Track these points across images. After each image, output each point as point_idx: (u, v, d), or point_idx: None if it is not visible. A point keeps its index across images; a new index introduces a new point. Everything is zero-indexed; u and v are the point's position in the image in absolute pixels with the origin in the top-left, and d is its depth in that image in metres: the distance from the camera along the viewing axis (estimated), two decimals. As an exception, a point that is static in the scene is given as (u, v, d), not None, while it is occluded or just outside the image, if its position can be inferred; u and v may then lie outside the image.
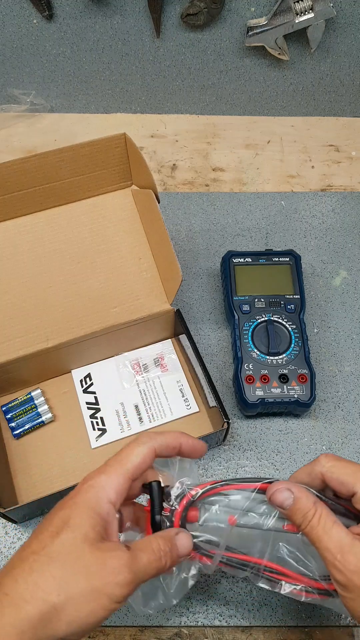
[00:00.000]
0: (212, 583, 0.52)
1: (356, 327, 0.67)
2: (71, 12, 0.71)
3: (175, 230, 0.73)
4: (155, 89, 0.80)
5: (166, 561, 0.34)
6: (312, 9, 0.68)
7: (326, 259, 0.72)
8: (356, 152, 0.82)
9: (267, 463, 0.58)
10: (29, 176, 0.56)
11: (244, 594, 0.52)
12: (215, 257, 0.71)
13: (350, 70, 0.78)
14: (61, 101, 0.82)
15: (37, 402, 0.59)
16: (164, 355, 0.63)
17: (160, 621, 0.51)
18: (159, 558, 0.34)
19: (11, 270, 0.58)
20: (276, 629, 0.51)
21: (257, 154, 0.82)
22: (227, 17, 0.71)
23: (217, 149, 0.82)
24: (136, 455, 0.36)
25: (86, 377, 0.62)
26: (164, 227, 0.54)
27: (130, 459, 0.36)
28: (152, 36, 0.73)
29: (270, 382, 0.57)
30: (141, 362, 0.63)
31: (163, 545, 0.35)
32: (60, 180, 0.58)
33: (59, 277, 0.59)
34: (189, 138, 0.83)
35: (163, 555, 0.34)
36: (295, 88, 0.81)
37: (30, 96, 0.81)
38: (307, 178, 0.80)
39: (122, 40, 0.74)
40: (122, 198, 0.62)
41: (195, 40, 0.74)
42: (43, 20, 0.71)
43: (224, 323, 0.66)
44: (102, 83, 0.80)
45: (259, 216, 0.75)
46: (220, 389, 0.61)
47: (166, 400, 0.60)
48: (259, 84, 0.80)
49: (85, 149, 0.56)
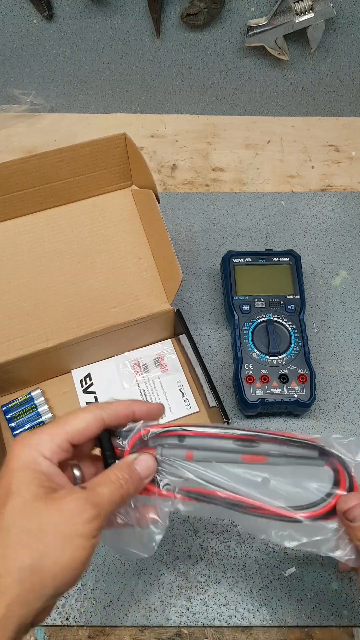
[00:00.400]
0: (212, 583, 0.52)
1: (356, 327, 0.67)
2: (71, 12, 0.71)
3: (175, 230, 0.73)
4: (155, 89, 0.80)
5: (128, 487, 0.34)
6: (312, 9, 0.68)
7: (326, 259, 0.72)
8: (356, 152, 0.82)
9: (267, 463, 0.58)
10: (29, 176, 0.56)
11: (243, 594, 0.52)
12: (215, 257, 0.71)
13: (350, 70, 0.78)
14: (61, 101, 0.82)
15: (37, 402, 0.59)
16: (164, 355, 0.63)
17: (160, 621, 0.51)
18: (119, 486, 0.34)
19: (11, 270, 0.58)
20: (276, 629, 0.51)
21: (257, 154, 0.82)
22: (227, 17, 0.71)
23: (217, 149, 0.82)
24: (81, 419, 0.35)
25: (86, 377, 0.62)
26: (164, 227, 0.54)
27: (72, 422, 0.35)
28: (152, 36, 0.73)
29: (270, 382, 0.57)
30: (141, 362, 0.63)
31: (121, 474, 0.34)
32: (60, 180, 0.58)
33: (59, 277, 0.59)
34: (189, 138, 0.83)
35: (124, 483, 0.34)
36: (295, 88, 0.81)
37: (30, 96, 0.81)
38: (307, 178, 0.80)
39: (122, 40, 0.74)
40: (122, 198, 0.62)
41: (195, 40, 0.74)
42: (43, 20, 0.71)
43: (224, 323, 0.66)
44: (102, 83, 0.80)
45: (259, 216, 0.75)
46: (220, 389, 0.61)
47: (166, 401, 0.60)
48: (259, 84, 0.80)
49: (85, 149, 0.56)
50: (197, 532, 0.54)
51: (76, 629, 0.51)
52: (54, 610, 0.51)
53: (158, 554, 0.53)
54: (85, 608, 0.51)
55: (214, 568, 0.53)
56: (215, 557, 0.53)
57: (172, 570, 0.53)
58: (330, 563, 0.53)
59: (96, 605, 0.51)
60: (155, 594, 0.52)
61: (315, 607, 0.51)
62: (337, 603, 0.51)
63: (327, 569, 0.53)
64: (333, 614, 0.51)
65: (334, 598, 0.52)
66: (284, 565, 0.53)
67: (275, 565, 0.53)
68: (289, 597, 0.52)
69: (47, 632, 0.50)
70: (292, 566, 0.53)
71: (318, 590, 0.52)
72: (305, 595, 0.52)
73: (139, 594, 0.52)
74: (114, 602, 0.51)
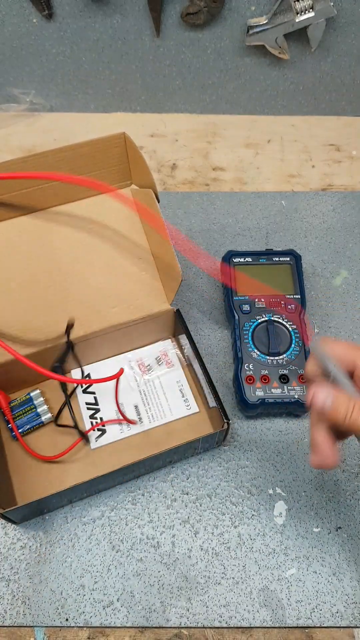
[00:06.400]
0: (211, 584, 0.52)
1: (357, 327, 0.66)
2: (71, 12, 0.70)
3: (175, 230, 0.73)
4: (155, 88, 0.80)
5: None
6: (312, 8, 0.68)
7: (327, 259, 0.71)
8: (357, 151, 0.82)
9: (267, 464, 0.58)
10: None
11: (244, 595, 0.52)
12: (215, 257, 0.70)
13: (351, 70, 0.78)
14: (61, 100, 0.82)
15: (36, 402, 0.59)
16: (167, 352, 0.63)
17: (160, 622, 0.51)
18: None
19: (10, 271, 0.58)
20: (276, 630, 0.51)
21: (258, 153, 0.82)
22: (228, 16, 0.71)
23: (217, 148, 0.82)
24: None
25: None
26: (165, 227, 0.54)
27: None
28: (152, 35, 0.73)
29: (270, 382, 0.57)
30: (145, 362, 0.63)
31: None
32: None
33: (59, 277, 0.59)
34: (189, 137, 0.82)
35: None
36: (296, 87, 0.80)
37: (29, 95, 0.81)
38: (308, 177, 0.79)
39: (122, 39, 0.74)
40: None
41: (195, 39, 0.74)
42: (43, 19, 0.71)
43: (224, 323, 0.66)
44: (102, 82, 0.79)
45: (259, 216, 0.75)
46: (220, 389, 0.61)
47: (166, 401, 0.60)
48: (259, 83, 0.80)
49: (84, 148, 0.56)
50: (197, 533, 0.54)
51: (76, 630, 0.51)
52: (53, 611, 0.50)
53: (158, 555, 0.53)
54: (85, 609, 0.51)
55: (214, 569, 0.53)
56: (215, 558, 0.53)
57: (172, 571, 0.52)
58: (330, 563, 0.53)
59: (96, 606, 0.51)
60: (155, 595, 0.52)
61: (315, 607, 0.51)
62: (337, 604, 0.51)
63: (328, 569, 0.53)
64: (333, 614, 0.51)
65: (334, 599, 0.51)
66: (284, 566, 0.53)
67: (275, 566, 0.53)
68: (289, 598, 0.51)
69: (46, 632, 0.50)
70: (292, 567, 0.53)
71: (318, 591, 0.52)
72: (305, 596, 0.52)
73: (138, 595, 0.52)
74: (113, 603, 0.51)
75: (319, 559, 0.53)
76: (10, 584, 0.51)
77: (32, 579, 0.52)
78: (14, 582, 0.52)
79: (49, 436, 0.58)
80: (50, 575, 0.52)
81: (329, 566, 0.53)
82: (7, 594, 0.51)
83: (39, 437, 0.58)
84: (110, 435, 0.58)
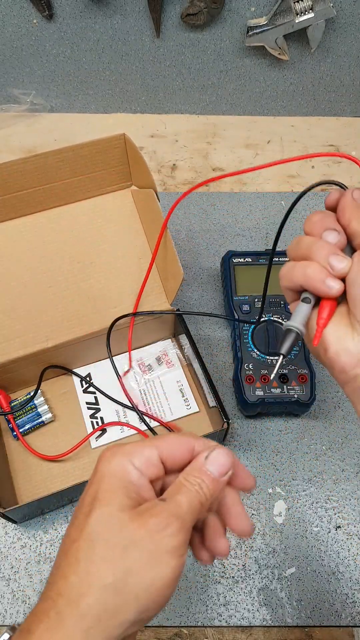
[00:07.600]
0: (211, 583, 0.52)
1: (356, 327, 0.66)
2: (71, 12, 0.71)
3: (175, 230, 0.73)
4: (155, 88, 0.80)
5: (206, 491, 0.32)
6: (312, 8, 0.68)
7: (326, 259, 0.71)
8: (356, 152, 0.82)
9: (267, 463, 0.58)
10: (29, 176, 0.56)
11: (243, 594, 0.52)
12: (215, 257, 0.71)
13: (351, 70, 0.78)
14: (61, 101, 0.82)
15: (37, 402, 0.59)
16: (167, 351, 0.63)
17: (160, 621, 0.51)
18: (196, 492, 0.31)
19: (11, 270, 0.58)
20: (276, 629, 0.51)
21: (257, 154, 0.82)
22: (227, 17, 0.71)
23: (217, 149, 0.82)
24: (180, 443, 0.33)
25: (86, 377, 0.62)
26: (165, 227, 0.54)
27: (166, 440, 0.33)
28: (152, 36, 0.73)
29: (270, 382, 0.57)
30: (145, 362, 0.63)
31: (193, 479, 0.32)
32: (60, 181, 0.58)
33: (59, 277, 0.59)
34: (189, 138, 0.83)
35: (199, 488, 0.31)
36: (296, 88, 0.81)
37: (30, 96, 0.81)
38: (307, 178, 0.79)
39: (122, 40, 0.74)
40: (122, 198, 0.62)
41: (195, 40, 0.74)
42: (43, 20, 0.71)
43: (224, 323, 0.66)
44: (102, 83, 0.80)
45: (259, 216, 0.75)
46: (220, 389, 0.61)
47: (166, 400, 0.60)
48: (259, 83, 0.80)
49: (85, 149, 0.56)
50: (197, 532, 0.54)
51: (76, 629, 0.51)
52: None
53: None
54: (85, 608, 0.51)
55: (213, 568, 0.53)
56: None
57: (172, 570, 0.53)
58: (330, 563, 0.53)
59: (96, 605, 0.51)
60: (155, 594, 0.52)
61: (315, 607, 0.51)
62: (337, 603, 0.51)
63: (327, 569, 0.53)
64: (333, 614, 0.51)
65: (333, 598, 0.52)
66: (284, 565, 0.53)
67: (275, 565, 0.53)
68: (289, 597, 0.52)
69: (47, 632, 0.50)
70: (292, 566, 0.53)
71: (318, 590, 0.52)
72: (305, 595, 0.52)
73: (139, 594, 0.52)
74: (114, 602, 0.51)
75: (318, 558, 0.53)
76: (10, 583, 0.52)
77: (32, 578, 0.52)
78: (14, 581, 0.52)
79: (49, 436, 0.59)
80: (50, 574, 0.52)
81: (328, 565, 0.53)
82: (8, 593, 0.51)
83: (39, 436, 0.58)
84: (110, 434, 0.58)
